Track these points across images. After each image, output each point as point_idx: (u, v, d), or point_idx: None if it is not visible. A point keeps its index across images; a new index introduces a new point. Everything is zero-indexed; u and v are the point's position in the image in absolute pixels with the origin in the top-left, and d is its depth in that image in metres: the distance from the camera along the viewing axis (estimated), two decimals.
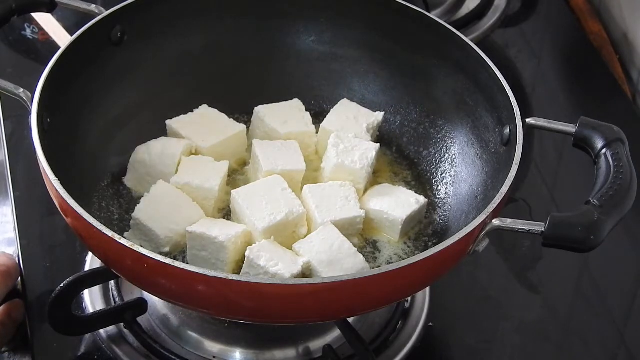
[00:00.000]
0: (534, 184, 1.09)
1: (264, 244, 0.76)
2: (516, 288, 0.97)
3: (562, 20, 1.35)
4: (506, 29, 1.29)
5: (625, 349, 0.93)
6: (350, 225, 0.82)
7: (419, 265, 0.68)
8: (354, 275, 0.68)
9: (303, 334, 0.86)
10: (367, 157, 0.86)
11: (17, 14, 0.86)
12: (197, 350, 0.85)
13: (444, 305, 0.92)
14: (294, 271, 0.74)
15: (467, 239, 0.71)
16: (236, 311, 0.72)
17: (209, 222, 0.80)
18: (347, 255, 0.77)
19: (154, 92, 0.91)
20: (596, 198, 0.72)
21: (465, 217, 0.84)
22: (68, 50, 0.82)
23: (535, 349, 0.91)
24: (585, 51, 1.28)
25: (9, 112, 1.08)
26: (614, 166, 0.75)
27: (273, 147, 0.86)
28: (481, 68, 0.85)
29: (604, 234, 0.70)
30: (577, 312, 0.97)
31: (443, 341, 0.91)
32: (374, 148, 0.87)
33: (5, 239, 0.97)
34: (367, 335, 0.85)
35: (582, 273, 1.00)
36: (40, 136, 0.74)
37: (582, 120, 0.79)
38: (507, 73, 0.83)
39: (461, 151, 0.89)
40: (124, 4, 0.87)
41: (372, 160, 0.86)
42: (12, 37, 1.19)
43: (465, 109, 0.89)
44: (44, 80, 0.78)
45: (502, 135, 0.82)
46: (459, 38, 0.87)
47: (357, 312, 0.81)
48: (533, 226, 0.71)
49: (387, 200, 0.84)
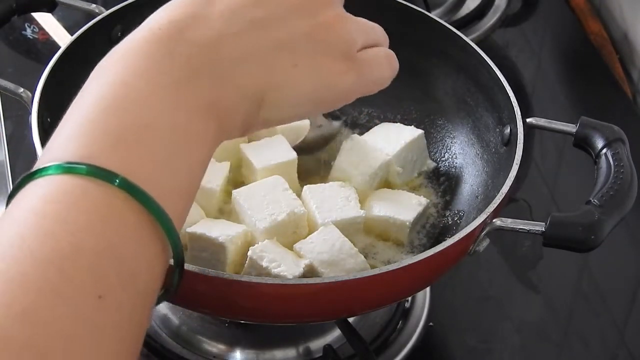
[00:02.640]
0: (535, 184, 1.09)
1: (267, 244, 0.76)
2: (516, 288, 0.97)
3: (563, 20, 1.35)
4: (506, 29, 1.29)
5: (626, 349, 0.93)
6: (351, 225, 0.82)
7: (419, 265, 0.68)
8: (354, 276, 0.68)
9: (303, 334, 0.86)
10: (371, 166, 0.85)
11: (18, 13, 0.86)
12: (197, 350, 0.85)
13: (444, 305, 0.92)
14: (295, 273, 0.74)
15: (467, 239, 0.71)
16: (236, 311, 0.72)
17: (209, 223, 0.80)
18: (348, 255, 0.77)
19: None
20: (596, 198, 0.72)
21: (466, 217, 0.84)
22: (68, 50, 0.82)
23: (535, 349, 0.91)
24: (585, 51, 1.28)
25: (9, 112, 1.08)
26: (614, 166, 0.75)
27: (260, 146, 0.87)
28: (481, 68, 0.85)
29: (604, 234, 0.70)
30: (577, 312, 0.97)
31: (443, 341, 0.91)
32: (382, 159, 0.86)
33: None
34: (367, 335, 0.85)
35: (582, 273, 1.00)
36: (41, 136, 0.74)
37: (582, 120, 0.79)
38: (507, 73, 0.83)
39: (461, 151, 0.89)
40: (124, 4, 0.87)
41: (375, 169, 0.85)
42: (12, 37, 1.19)
43: (465, 109, 0.89)
44: (44, 80, 0.78)
45: (503, 135, 0.82)
46: (459, 38, 0.87)
47: (358, 312, 0.81)
48: (533, 226, 0.71)
49: (390, 205, 0.83)
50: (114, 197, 0.47)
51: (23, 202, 0.47)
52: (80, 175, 0.46)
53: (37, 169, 0.48)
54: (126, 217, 0.47)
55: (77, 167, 0.47)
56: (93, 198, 0.46)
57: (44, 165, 0.48)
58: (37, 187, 0.47)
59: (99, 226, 0.46)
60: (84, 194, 0.46)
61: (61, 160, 0.47)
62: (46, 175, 0.47)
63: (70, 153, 0.48)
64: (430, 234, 0.86)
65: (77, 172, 0.47)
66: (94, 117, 0.50)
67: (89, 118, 0.50)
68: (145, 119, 0.50)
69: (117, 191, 0.47)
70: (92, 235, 0.45)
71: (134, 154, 0.49)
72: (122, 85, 0.51)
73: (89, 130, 0.49)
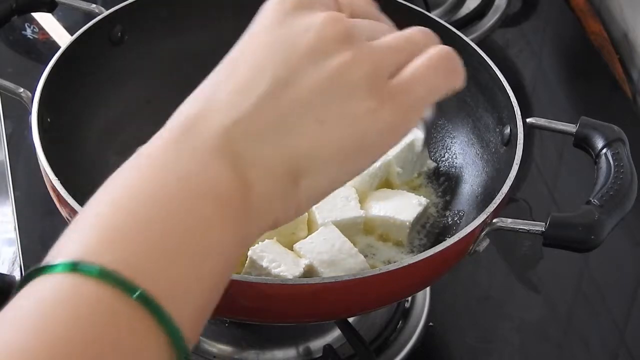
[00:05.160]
0: (534, 184, 1.09)
1: (267, 244, 0.76)
2: (516, 288, 0.97)
3: (563, 20, 1.35)
4: (506, 29, 1.29)
5: (626, 349, 0.93)
6: (351, 225, 0.82)
7: (419, 265, 0.68)
8: (354, 276, 0.68)
9: (303, 334, 0.86)
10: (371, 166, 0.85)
11: (18, 13, 0.86)
12: (197, 350, 0.84)
13: (444, 305, 0.92)
14: (295, 273, 0.74)
15: (467, 239, 0.71)
16: (236, 311, 0.72)
17: None
18: (348, 255, 0.77)
19: (154, 92, 0.91)
20: (596, 198, 0.72)
21: (466, 217, 0.84)
22: (68, 50, 0.82)
23: (535, 349, 0.91)
24: (585, 51, 1.28)
25: (9, 112, 1.08)
26: (614, 166, 0.75)
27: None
28: (481, 68, 0.85)
29: (604, 234, 0.70)
30: (577, 312, 0.96)
31: (443, 341, 0.91)
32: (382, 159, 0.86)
33: (6, 239, 0.97)
34: (367, 335, 0.85)
35: (582, 273, 1.00)
36: (41, 136, 0.74)
37: (582, 120, 0.79)
38: (507, 73, 0.83)
39: (461, 151, 0.89)
40: (124, 4, 0.87)
41: (375, 169, 0.85)
42: (12, 37, 1.19)
43: (465, 109, 0.89)
44: (44, 80, 0.78)
45: (503, 135, 0.82)
46: (460, 38, 0.87)
47: (357, 312, 0.81)
48: (533, 226, 0.71)
49: (390, 205, 0.83)
50: (118, 302, 0.44)
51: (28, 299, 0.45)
52: (91, 277, 0.44)
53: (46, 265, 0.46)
54: (135, 325, 0.44)
55: (87, 267, 0.45)
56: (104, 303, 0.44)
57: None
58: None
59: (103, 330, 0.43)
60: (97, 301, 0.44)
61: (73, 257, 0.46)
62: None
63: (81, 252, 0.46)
64: (430, 234, 0.86)
65: (87, 273, 0.44)
66: (105, 213, 0.48)
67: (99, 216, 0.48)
68: (160, 216, 0.47)
69: (130, 300, 0.44)
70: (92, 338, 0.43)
71: (139, 250, 0.46)
72: (139, 188, 0.49)
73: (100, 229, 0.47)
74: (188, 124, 0.51)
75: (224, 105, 0.51)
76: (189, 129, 0.50)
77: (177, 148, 0.50)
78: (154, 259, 0.46)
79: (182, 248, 0.47)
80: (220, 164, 0.49)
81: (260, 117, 0.50)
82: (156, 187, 0.48)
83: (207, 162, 0.49)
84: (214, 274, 0.48)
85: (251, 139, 0.50)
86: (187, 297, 0.46)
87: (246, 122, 0.50)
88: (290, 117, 0.50)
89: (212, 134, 0.50)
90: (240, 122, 0.50)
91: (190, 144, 0.50)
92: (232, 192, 0.49)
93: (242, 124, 0.50)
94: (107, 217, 0.47)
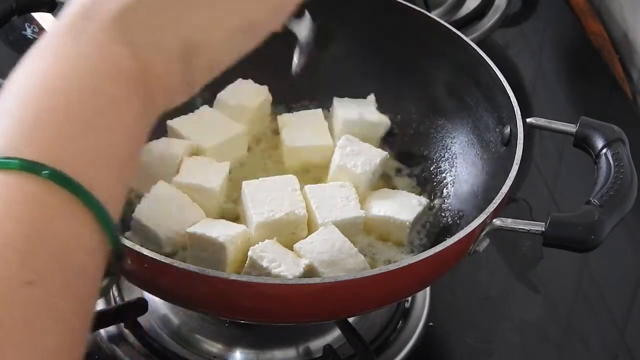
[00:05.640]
0: (534, 184, 1.09)
1: (267, 244, 0.76)
2: (516, 288, 0.97)
3: (563, 20, 1.35)
4: (506, 29, 1.29)
5: (626, 349, 0.93)
6: (351, 225, 0.82)
7: (419, 265, 0.68)
8: (354, 275, 0.68)
9: (303, 334, 0.86)
10: (371, 163, 0.85)
11: (18, 13, 0.86)
12: (197, 350, 0.85)
13: (444, 305, 0.92)
14: (295, 273, 0.74)
15: (467, 239, 0.71)
16: (236, 311, 0.72)
17: (209, 223, 0.80)
18: (348, 255, 0.77)
19: None
20: (596, 198, 0.72)
21: (466, 217, 0.84)
22: None
23: (535, 349, 0.91)
24: (585, 51, 1.28)
25: None
26: (614, 166, 0.75)
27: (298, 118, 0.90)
28: (481, 68, 0.85)
29: (604, 234, 0.70)
30: (577, 312, 0.97)
31: (443, 341, 0.91)
32: (380, 155, 0.87)
33: None
34: (367, 335, 0.85)
35: (582, 273, 1.00)
36: None
37: (582, 120, 0.79)
38: (507, 73, 0.84)
39: (461, 151, 0.89)
40: None
41: (375, 166, 0.86)
42: (12, 37, 1.19)
43: (465, 109, 0.89)
44: None
45: (503, 135, 0.82)
46: (460, 38, 0.87)
47: (357, 312, 0.81)
48: (533, 226, 0.71)
49: (390, 205, 0.83)
50: (34, 185, 0.46)
51: None
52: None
53: None
54: (49, 201, 0.46)
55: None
56: (15, 187, 0.46)
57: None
58: None
59: (18, 210, 0.45)
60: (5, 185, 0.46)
61: None
62: None
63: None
64: (430, 234, 0.86)
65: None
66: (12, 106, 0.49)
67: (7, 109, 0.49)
68: (64, 96, 0.49)
69: (40, 180, 0.46)
70: (15, 220, 0.45)
71: (54, 136, 0.48)
72: (42, 77, 0.51)
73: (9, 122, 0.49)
74: (82, 12, 0.53)
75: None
76: (83, 17, 0.52)
77: (74, 35, 0.52)
78: (66, 137, 0.48)
79: (92, 124, 0.49)
80: (117, 47, 0.52)
81: (151, 2, 0.53)
82: (61, 69, 0.50)
83: (104, 45, 0.51)
84: (124, 149, 0.51)
85: (144, 23, 0.53)
86: (102, 174, 0.48)
87: (137, 6, 0.53)
88: (180, 1, 0.54)
89: (106, 20, 0.52)
90: (132, 7, 0.53)
91: (88, 30, 0.52)
92: (132, 72, 0.51)
93: (134, 9, 0.53)
94: (19, 110, 0.49)
